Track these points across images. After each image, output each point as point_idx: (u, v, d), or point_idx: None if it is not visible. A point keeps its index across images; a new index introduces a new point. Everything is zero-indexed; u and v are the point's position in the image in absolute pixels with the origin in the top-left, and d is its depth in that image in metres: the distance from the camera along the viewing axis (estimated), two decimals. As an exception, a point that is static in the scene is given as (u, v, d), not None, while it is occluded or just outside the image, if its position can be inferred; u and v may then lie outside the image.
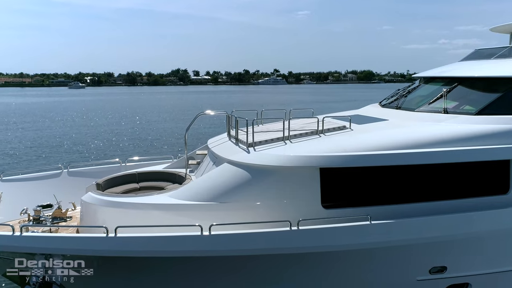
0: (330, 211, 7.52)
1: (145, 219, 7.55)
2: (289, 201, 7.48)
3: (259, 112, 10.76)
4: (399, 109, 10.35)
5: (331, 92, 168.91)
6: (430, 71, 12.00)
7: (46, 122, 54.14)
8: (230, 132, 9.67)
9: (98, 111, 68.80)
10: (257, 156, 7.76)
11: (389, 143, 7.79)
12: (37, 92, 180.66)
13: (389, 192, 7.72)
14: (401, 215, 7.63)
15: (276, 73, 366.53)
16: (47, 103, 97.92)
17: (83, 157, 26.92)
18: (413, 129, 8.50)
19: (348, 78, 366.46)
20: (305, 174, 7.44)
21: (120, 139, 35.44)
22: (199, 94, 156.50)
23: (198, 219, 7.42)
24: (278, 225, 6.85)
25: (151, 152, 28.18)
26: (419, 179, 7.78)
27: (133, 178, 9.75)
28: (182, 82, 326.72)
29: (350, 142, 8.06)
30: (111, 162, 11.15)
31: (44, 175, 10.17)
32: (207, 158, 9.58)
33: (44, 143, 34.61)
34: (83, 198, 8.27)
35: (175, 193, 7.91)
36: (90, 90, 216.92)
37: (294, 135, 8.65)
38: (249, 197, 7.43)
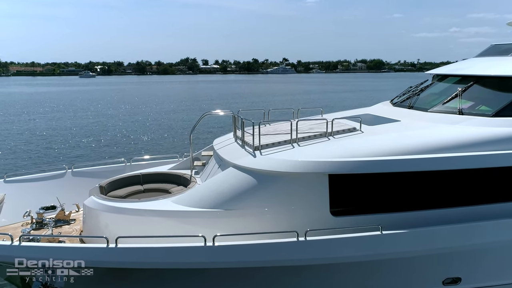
0: (339, 218, 7.25)
1: (148, 226, 7.35)
2: (297, 208, 7.22)
3: (266, 112, 10.44)
4: (411, 109, 9.98)
5: (341, 81, 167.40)
6: (444, 68, 11.57)
7: (57, 113, 54.23)
8: (237, 133, 9.39)
9: (107, 103, 68.38)
10: (264, 160, 7.49)
11: (401, 148, 7.47)
12: (49, 82, 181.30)
13: (400, 199, 7.43)
14: (412, 222, 7.35)
15: (285, 62, 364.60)
16: (58, 93, 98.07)
17: (91, 151, 26.70)
18: (426, 132, 8.16)
19: (357, 67, 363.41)
20: (313, 180, 7.16)
21: (128, 133, 35.14)
22: (207, 84, 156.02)
23: (202, 227, 7.21)
24: (285, 234, 6.61)
25: (159, 146, 27.85)
26: (432, 185, 7.47)
27: (137, 180, 9.55)
28: (191, 71, 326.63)
29: (360, 146, 7.74)
30: (116, 162, 10.95)
31: (48, 175, 10.01)
32: (212, 160, 9.33)
33: (52, 136, 34.59)
34: (85, 202, 8.09)
35: (178, 199, 7.68)
36: (101, 79, 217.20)
37: (302, 137, 8.35)
38: (255, 204, 7.18)
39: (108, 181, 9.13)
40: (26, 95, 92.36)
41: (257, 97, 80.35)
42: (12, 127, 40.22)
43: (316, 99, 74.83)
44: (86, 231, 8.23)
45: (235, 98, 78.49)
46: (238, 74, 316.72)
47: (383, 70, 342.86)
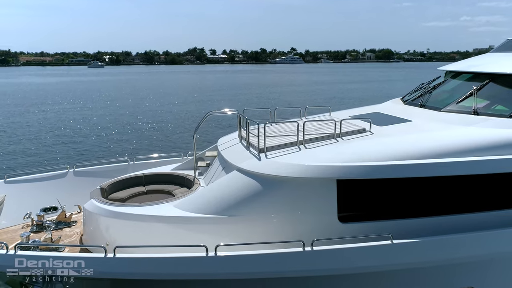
0: (347, 225, 6.96)
1: (149, 232, 7.11)
2: (303, 214, 6.93)
3: (272, 111, 10.09)
4: (423, 107, 9.57)
5: (349, 71, 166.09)
6: (458, 64, 11.11)
7: (66, 105, 54.30)
8: (241, 133, 9.07)
9: (115, 95, 67.93)
10: (269, 164, 7.18)
11: (413, 151, 7.12)
12: (58, 72, 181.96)
13: (410, 205, 7.11)
14: (425, 229, 7.04)
15: (293, 52, 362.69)
16: (67, 84, 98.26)
17: (97, 145, 26.53)
18: (439, 133, 7.78)
19: (366, 57, 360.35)
20: (321, 185, 6.86)
21: (134, 127, 34.76)
22: (215, 74, 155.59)
23: (204, 233, 6.97)
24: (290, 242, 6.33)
25: (164, 141, 27.53)
26: (446, 191, 7.14)
27: (140, 181, 9.30)
28: (199, 61, 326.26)
29: (369, 149, 7.40)
30: (119, 161, 10.70)
31: (50, 175, 9.79)
32: (216, 161, 9.03)
33: (59, 130, 34.59)
34: (85, 206, 7.87)
35: (180, 203, 7.42)
36: (109, 69, 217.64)
37: (309, 139, 8.01)
38: (259, 210, 6.89)
39: (109, 182, 8.89)
40: (35, 86, 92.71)
41: (265, 88, 79.91)
42: (20, 120, 40.31)
43: (324, 90, 74.27)
44: (86, 235, 8.03)
45: (242, 89, 78.19)
46: (245, 64, 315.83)
47: (392, 60, 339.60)
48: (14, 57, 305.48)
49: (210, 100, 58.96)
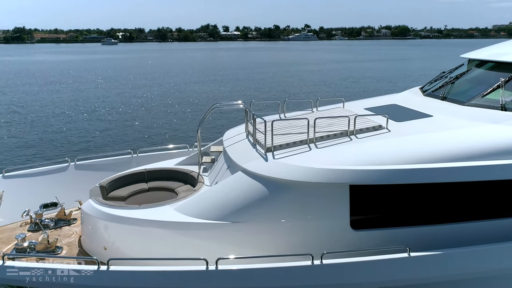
0: (360, 232, 6.45)
1: (148, 237, 6.70)
2: (313, 221, 6.43)
3: (282, 103, 9.46)
4: (444, 100, 8.85)
5: (364, 49, 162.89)
6: (482, 51, 10.21)
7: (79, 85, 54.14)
8: (248, 128, 8.51)
9: (128, 74, 67.24)
10: (276, 166, 6.63)
11: (434, 153, 6.51)
12: (72, 49, 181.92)
13: (430, 212, 6.57)
14: (444, 237, 6.52)
15: (307, 29, 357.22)
16: (82, 62, 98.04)
17: (103, 133, 25.66)
18: (463, 132, 7.13)
19: (381, 34, 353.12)
20: (332, 191, 6.32)
21: (144, 110, 33.90)
22: (228, 52, 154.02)
23: (206, 240, 6.53)
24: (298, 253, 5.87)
25: (174, 128, 26.83)
26: (468, 198, 6.57)
27: (142, 177, 8.86)
28: (212, 38, 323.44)
29: (386, 150, 6.79)
30: (122, 154, 10.27)
31: (50, 169, 9.41)
32: (221, 157, 8.51)
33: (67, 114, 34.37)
34: (83, 207, 7.47)
35: (182, 206, 6.95)
36: (122, 46, 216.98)
37: (320, 137, 7.42)
38: (266, 216, 6.39)
39: (109, 179, 8.46)
40: (50, 64, 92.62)
41: (278, 67, 78.59)
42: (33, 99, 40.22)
43: (339, 70, 72.73)
44: (84, 235, 7.66)
45: (256, 68, 76.99)
46: (259, 41, 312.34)
47: (408, 37, 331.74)
48: (28, 34, 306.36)
49: (223, 80, 58.14)
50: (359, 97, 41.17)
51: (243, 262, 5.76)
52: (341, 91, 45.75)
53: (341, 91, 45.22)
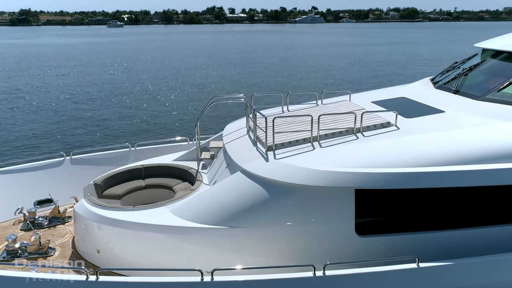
0: (366, 239, 6.08)
1: (142, 241, 6.38)
2: (316, 226, 6.06)
3: (285, 96, 8.99)
4: (457, 94, 8.31)
5: (372, 32, 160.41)
6: (498, 40, 9.57)
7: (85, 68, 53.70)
8: (249, 123, 8.09)
9: (133, 58, 66.38)
10: (277, 167, 6.22)
11: (445, 155, 6.08)
12: (78, 32, 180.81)
13: (440, 219, 6.17)
14: (455, 243, 6.14)
15: (314, 11, 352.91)
16: (87, 45, 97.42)
17: (102, 123, 24.96)
18: (478, 131, 6.65)
19: (390, 16, 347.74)
20: (336, 194, 5.93)
21: (147, 98, 33.45)
22: (234, 35, 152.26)
23: (203, 246, 6.20)
24: (298, 262, 5.54)
25: (176, 117, 26.37)
26: (482, 204, 6.16)
27: (139, 174, 8.51)
28: (218, 20, 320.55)
29: (394, 151, 6.35)
30: (120, 147, 9.90)
31: (44, 164, 9.07)
32: (221, 154, 8.12)
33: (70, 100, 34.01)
34: (75, 207, 7.15)
35: (178, 208, 6.59)
36: (128, 29, 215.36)
37: (324, 134, 6.97)
38: (265, 221, 6.01)
39: (104, 176, 8.11)
40: (55, 47, 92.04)
41: (285, 51, 77.58)
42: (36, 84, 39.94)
43: (347, 54, 71.62)
44: (78, 236, 7.36)
45: (262, 52, 76.09)
46: (265, 23, 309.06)
47: (417, 20, 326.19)
48: (34, 16, 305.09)
49: (230, 64, 57.52)
50: (368, 82, 40.78)
51: (240, 273, 5.42)
52: (350, 76, 45.02)
53: (350, 77, 44.50)
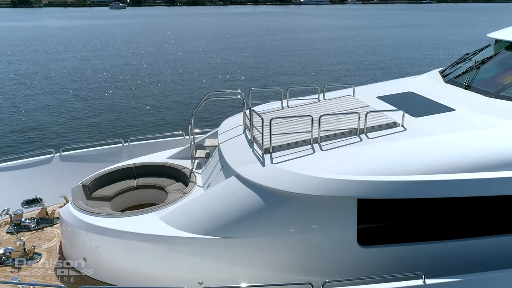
0: (368, 249, 5.67)
1: (130, 250, 6.00)
2: (315, 236, 5.64)
3: (285, 91, 8.46)
4: (468, 89, 7.76)
5: (378, 14, 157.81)
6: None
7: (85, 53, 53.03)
8: (246, 121, 7.60)
9: (136, 42, 65.13)
10: (274, 173, 5.75)
11: (455, 161, 5.60)
12: (80, 14, 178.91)
13: (449, 229, 5.75)
14: (462, 253, 5.74)
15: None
16: (89, 28, 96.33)
17: (95, 114, 24.28)
18: (492, 133, 6.15)
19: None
20: (337, 204, 5.50)
21: (147, 85, 32.69)
22: (238, 17, 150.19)
23: (195, 256, 5.80)
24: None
25: (171, 109, 25.54)
26: (494, 214, 5.72)
27: (130, 173, 8.09)
28: (222, 2, 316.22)
29: (400, 156, 5.86)
30: (112, 143, 9.46)
31: (32, 161, 8.66)
32: (216, 154, 7.67)
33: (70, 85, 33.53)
34: (61, 212, 6.75)
35: (168, 215, 6.16)
36: (131, 11, 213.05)
37: (326, 136, 6.49)
38: (260, 231, 5.59)
39: (93, 177, 7.70)
40: (57, 30, 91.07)
41: (290, 34, 76.36)
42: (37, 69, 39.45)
43: (354, 37, 70.42)
44: (64, 240, 6.99)
45: (266, 36, 74.95)
46: (269, 5, 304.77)
47: (424, 1, 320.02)
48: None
49: (234, 48, 56.72)
50: (375, 68, 39.91)
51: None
52: (356, 61, 44.20)
53: (357, 62, 43.69)
